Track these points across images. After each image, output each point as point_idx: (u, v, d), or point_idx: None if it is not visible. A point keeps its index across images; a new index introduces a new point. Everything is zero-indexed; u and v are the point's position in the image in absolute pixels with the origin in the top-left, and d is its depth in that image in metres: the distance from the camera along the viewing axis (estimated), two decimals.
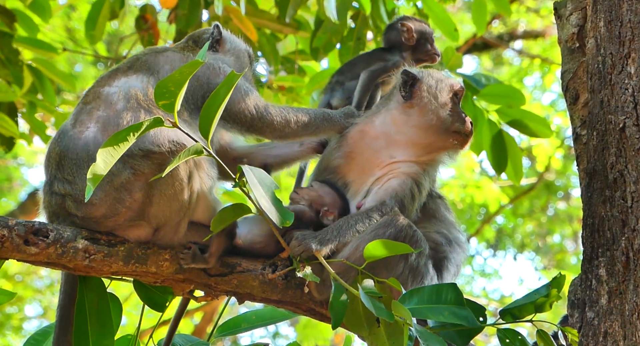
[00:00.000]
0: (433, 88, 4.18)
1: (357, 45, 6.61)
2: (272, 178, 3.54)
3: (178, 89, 3.30)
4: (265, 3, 7.11)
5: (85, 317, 3.73)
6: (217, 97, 3.39)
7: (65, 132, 3.80)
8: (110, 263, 3.68)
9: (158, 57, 4.01)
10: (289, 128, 4.05)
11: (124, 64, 4.00)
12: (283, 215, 3.44)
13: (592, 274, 3.64)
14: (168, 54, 4.06)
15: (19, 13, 6.71)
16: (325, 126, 4.17)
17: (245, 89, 4.02)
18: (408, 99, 4.16)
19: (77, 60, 13.56)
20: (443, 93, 4.18)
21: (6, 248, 3.57)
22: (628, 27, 3.71)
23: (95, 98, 3.85)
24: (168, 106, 3.33)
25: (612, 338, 3.48)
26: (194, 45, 4.23)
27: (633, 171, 3.56)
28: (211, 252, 3.73)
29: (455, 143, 4.18)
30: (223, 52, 4.27)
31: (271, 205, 3.43)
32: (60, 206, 3.72)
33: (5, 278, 13.99)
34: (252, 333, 17.04)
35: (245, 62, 4.34)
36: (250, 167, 3.46)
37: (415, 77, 4.18)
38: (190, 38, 4.31)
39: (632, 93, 3.63)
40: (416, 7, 6.87)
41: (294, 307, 3.86)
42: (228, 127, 3.99)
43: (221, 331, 4.24)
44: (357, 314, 3.56)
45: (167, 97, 3.31)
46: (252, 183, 3.41)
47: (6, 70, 6.43)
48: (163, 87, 3.30)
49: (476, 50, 14.20)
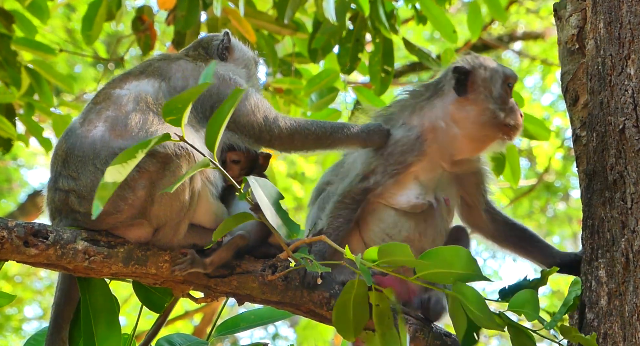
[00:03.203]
0: (487, 81, 4.11)
1: (356, 46, 6.61)
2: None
3: (185, 106, 3.33)
4: (264, 4, 7.11)
5: (89, 318, 3.73)
6: (222, 112, 3.40)
7: (73, 130, 3.82)
8: (110, 264, 3.68)
9: (171, 65, 4.03)
10: (298, 141, 4.02)
11: (136, 68, 4.03)
12: (290, 227, 3.43)
13: (592, 275, 3.64)
14: (181, 62, 4.06)
15: (17, 14, 6.71)
16: (342, 140, 4.07)
17: (255, 101, 4.01)
18: (463, 95, 4.10)
19: (76, 61, 13.56)
20: (497, 84, 4.11)
21: (6, 250, 3.57)
22: (628, 29, 3.71)
23: (106, 99, 3.87)
24: (175, 121, 3.37)
25: (612, 340, 3.48)
26: (204, 54, 4.23)
27: (633, 172, 3.56)
28: (212, 260, 3.72)
29: (505, 137, 4.10)
30: (232, 60, 4.26)
31: (277, 217, 3.43)
32: (63, 202, 3.73)
33: (5, 279, 13.99)
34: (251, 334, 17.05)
35: (254, 71, 4.33)
36: (255, 177, 3.46)
37: (468, 72, 4.12)
38: (200, 45, 4.29)
39: (632, 94, 3.63)
40: (415, 9, 6.87)
41: (294, 308, 3.86)
42: (236, 137, 3.98)
43: (220, 331, 4.23)
44: (347, 319, 3.56)
45: (175, 113, 3.35)
46: (258, 194, 3.41)
47: (4, 71, 6.44)
48: (172, 105, 3.33)
49: (476, 52, 14.16)
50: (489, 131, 4.08)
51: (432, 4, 6.70)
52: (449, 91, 4.14)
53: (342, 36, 6.59)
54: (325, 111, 6.85)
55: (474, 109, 4.09)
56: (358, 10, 6.56)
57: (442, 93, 4.16)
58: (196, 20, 6.59)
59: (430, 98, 4.18)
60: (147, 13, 7.05)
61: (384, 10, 6.54)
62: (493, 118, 4.06)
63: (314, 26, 6.59)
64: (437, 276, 3.45)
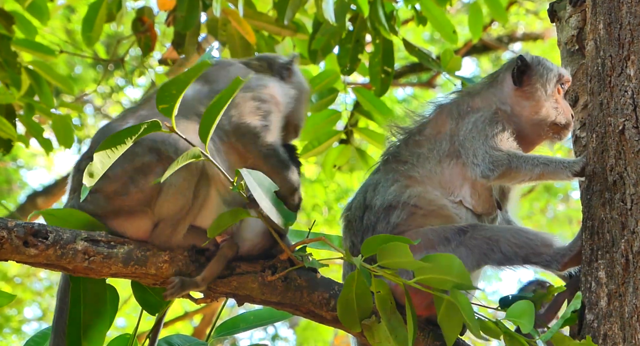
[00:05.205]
0: (544, 79, 4.14)
1: (356, 47, 6.61)
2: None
3: (179, 93, 3.32)
4: (264, 5, 7.11)
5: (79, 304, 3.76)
6: (219, 104, 3.41)
7: (109, 124, 3.96)
8: (109, 264, 3.68)
9: (220, 70, 4.06)
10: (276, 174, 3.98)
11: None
12: (285, 216, 3.44)
13: (592, 276, 3.64)
14: (231, 68, 4.10)
15: (17, 15, 6.71)
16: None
17: (271, 123, 4.01)
18: (519, 85, 4.13)
19: (76, 62, 13.56)
20: (552, 83, 4.15)
21: (5, 250, 3.57)
22: (627, 30, 3.71)
23: (146, 101, 3.97)
24: (167, 110, 3.37)
25: (612, 341, 3.48)
26: (266, 66, 4.25)
27: (632, 173, 3.56)
28: (204, 277, 3.72)
29: (555, 136, 4.14)
30: (289, 82, 4.28)
31: (272, 206, 3.43)
32: (78, 182, 3.77)
33: (4, 280, 13.99)
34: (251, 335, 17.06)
35: (304, 98, 4.34)
36: (248, 170, 3.46)
37: (528, 65, 4.14)
38: (266, 59, 4.32)
39: (632, 95, 3.63)
40: (415, 10, 6.87)
41: (294, 309, 3.86)
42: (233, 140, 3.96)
43: (219, 331, 4.23)
44: (351, 310, 3.57)
45: (168, 101, 3.34)
46: (251, 185, 3.41)
47: (4, 72, 6.43)
48: (166, 91, 3.33)
49: (475, 53, 14.20)
50: (541, 129, 4.12)
51: (432, 5, 6.70)
52: (507, 80, 4.16)
53: (342, 37, 6.59)
54: (325, 112, 6.86)
55: (529, 105, 4.12)
56: (358, 11, 6.56)
57: (500, 82, 4.20)
58: (196, 21, 6.59)
59: (490, 86, 4.22)
60: (147, 14, 7.06)
61: (383, 11, 6.54)
62: (546, 116, 4.11)
63: (314, 27, 6.58)
64: (435, 281, 3.45)
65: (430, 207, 4.00)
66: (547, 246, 3.86)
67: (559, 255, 3.83)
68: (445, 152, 4.06)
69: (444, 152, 4.06)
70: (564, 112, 4.14)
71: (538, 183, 4.14)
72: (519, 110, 4.13)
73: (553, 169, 3.87)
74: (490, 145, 3.96)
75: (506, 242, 3.85)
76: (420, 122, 4.23)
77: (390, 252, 3.41)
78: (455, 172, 4.03)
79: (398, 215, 3.98)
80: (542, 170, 3.88)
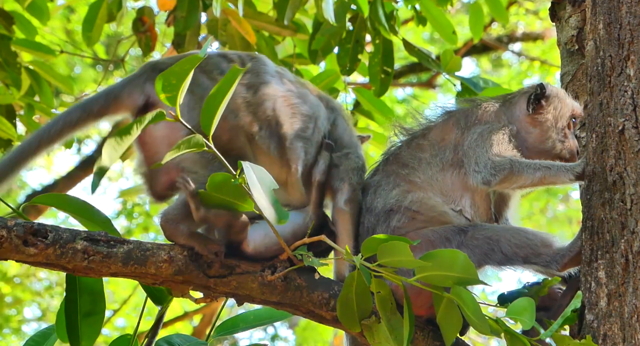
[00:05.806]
0: (557, 111, 4.17)
1: (356, 47, 6.61)
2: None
3: (180, 83, 3.34)
4: (264, 5, 7.11)
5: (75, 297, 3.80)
6: (219, 94, 3.43)
7: None
8: (109, 264, 3.68)
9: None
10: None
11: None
12: (279, 214, 3.44)
13: (592, 276, 3.64)
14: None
15: (17, 15, 6.71)
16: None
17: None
18: (531, 112, 4.14)
19: (76, 62, 13.56)
20: (564, 118, 4.17)
21: (5, 249, 3.57)
22: (627, 30, 3.71)
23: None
24: (171, 99, 3.39)
25: (612, 341, 3.48)
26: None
27: (632, 173, 3.56)
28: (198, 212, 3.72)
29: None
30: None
31: (269, 204, 3.43)
32: None
33: (3, 280, 13.99)
34: (250, 335, 17.04)
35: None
36: (251, 164, 3.46)
37: (546, 95, 4.16)
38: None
39: (631, 95, 3.63)
40: (414, 10, 6.87)
41: (293, 309, 3.86)
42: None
43: (219, 331, 4.24)
44: (351, 310, 3.57)
45: (169, 90, 3.36)
46: (252, 181, 3.41)
47: (4, 72, 6.43)
48: (166, 81, 3.34)
49: (475, 53, 14.20)
50: (543, 158, 4.09)
51: (431, 5, 6.70)
52: (521, 104, 4.18)
53: (342, 37, 6.59)
54: None
55: (536, 132, 4.15)
56: (358, 11, 6.56)
57: (514, 104, 4.21)
58: (196, 21, 6.59)
59: (502, 105, 4.23)
60: (147, 14, 7.06)
61: (383, 11, 6.54)
62: (552, 147, 4.13)
63: (314, 27, 6.58)
64: (436, 279, 3.45)
65: (431, 213, 4.00)
66: (546, 246, 3.86)
67: (559, 256, 3.84)
68: (448, 161, 4.06)
69: (447, 161, 4.07)
70: (570, 146, 4.16)
71: (539, 188, 4.14)
72: (524, 135, 4.15)
73: (555, 172, 3.88)
74: (493, 153, 3.98)
75: (506, 242, 3.86)
76: (426, 125, 4.23)
77: (390, 251, 3.41)
78: (457, 181, 4.04)
79: (399, 219, 3.99)
80: (544, 173, 3.89)
